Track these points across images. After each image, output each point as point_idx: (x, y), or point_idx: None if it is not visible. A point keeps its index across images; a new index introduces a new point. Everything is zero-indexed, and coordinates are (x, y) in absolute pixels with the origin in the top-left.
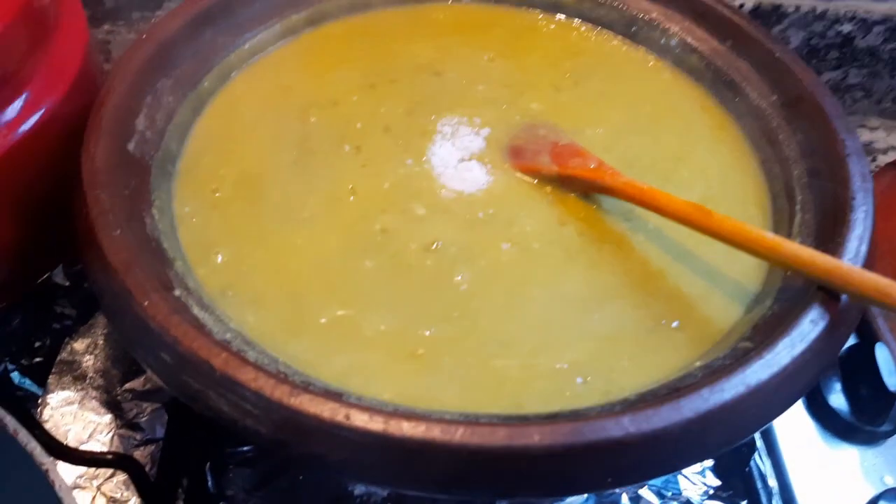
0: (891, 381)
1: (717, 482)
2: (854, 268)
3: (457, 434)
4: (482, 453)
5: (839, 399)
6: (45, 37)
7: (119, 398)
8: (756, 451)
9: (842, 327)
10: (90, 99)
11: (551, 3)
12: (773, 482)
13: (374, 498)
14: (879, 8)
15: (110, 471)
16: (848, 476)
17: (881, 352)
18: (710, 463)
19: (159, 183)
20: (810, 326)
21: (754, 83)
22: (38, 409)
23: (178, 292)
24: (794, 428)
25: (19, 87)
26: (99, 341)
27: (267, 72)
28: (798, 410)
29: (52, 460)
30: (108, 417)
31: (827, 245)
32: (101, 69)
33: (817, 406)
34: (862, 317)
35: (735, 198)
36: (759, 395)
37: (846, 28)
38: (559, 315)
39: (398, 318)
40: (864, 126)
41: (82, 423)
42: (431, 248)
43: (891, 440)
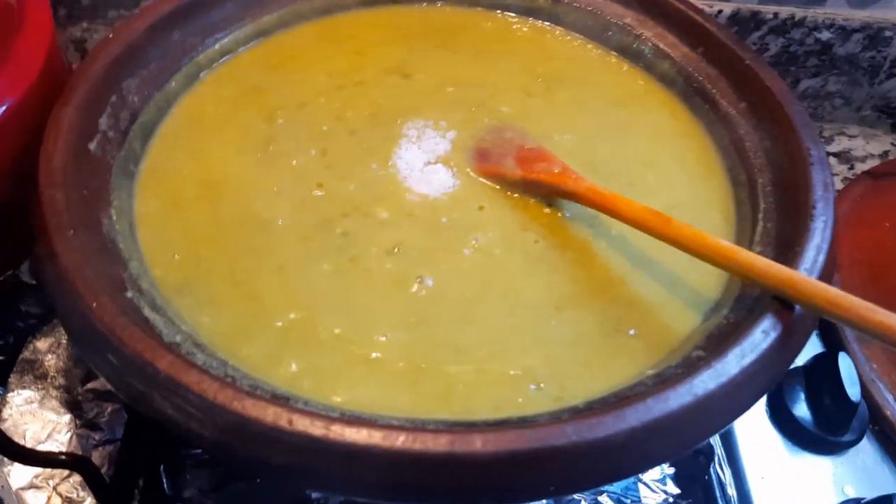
0: (853, 391)
1: (676, 490)
2: (807, 278)
3: (398, 440)
4: (424, 459)
5: (802, 408)
6: (7, 34)
7: (80, 398)
8: (716, 460)
9: (795, 338)
10: (55, 97)
11: (525, 6)
12: (732, 491)
13: (332, 502)
14: (858, 15)
15: (67, 471)
16: (809, 486)
17: (843, 361)
18: (670, 470)
19: (120, 183)
20: (762, 337)
21: (724, 90)
22: None
23: (130, 293)
24: (756, 437)
25: None
26: (62, 340)
27: (236, 72)
28: (760, 419)
29: (3, 460)
30: (67, 417)
31: (786, 254)
32: (68, 67)
33: (780, 415)
34: (831, 325)
35: (700, 205)
36: (706, 405)
37: (825, 35)
38: (516, 321)
39: (354, 322)
40: (843, 133)
41: (41, 422)
42: (392, 252)
43: (853, 450)
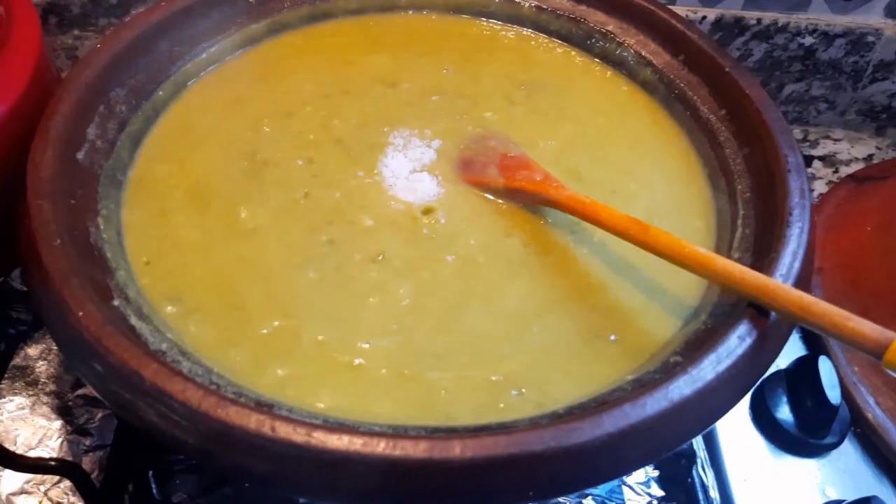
0: (832, 395)
1: (661, 493)
2: (781, 285)
3: (379, 446)
4: (403, 466)
5: (784, 411)
6: None
7: (70, 404)
8: (699, 462)
9: (770, 344)
10: (43, 107)
11: (509, 14)
12: (715, 493)
13: None
14: (841, 21)
15: (57, 477)
16: (791, 488)
17: (824, 365)
18: (655, 473)
19: (108, 192)
20: (737, 342)
21: (704, 97)
22: None
23: (116, 302)
24: (739, 439)
25: None
26: (53, 347)
27: (223, 81)
28: (743, 422)
29: None
30: (58, 423)
31: (762, 260)
32: (57, 76)
33: (762, 417)
34: None
35: (681, 211)
36: (683, 411)
37: (808, 41)
38: (498, 328)
39: (338, 329)
40: (827, 137)
41: (32, 428)
42: (376, 259)
43: (834, 452)
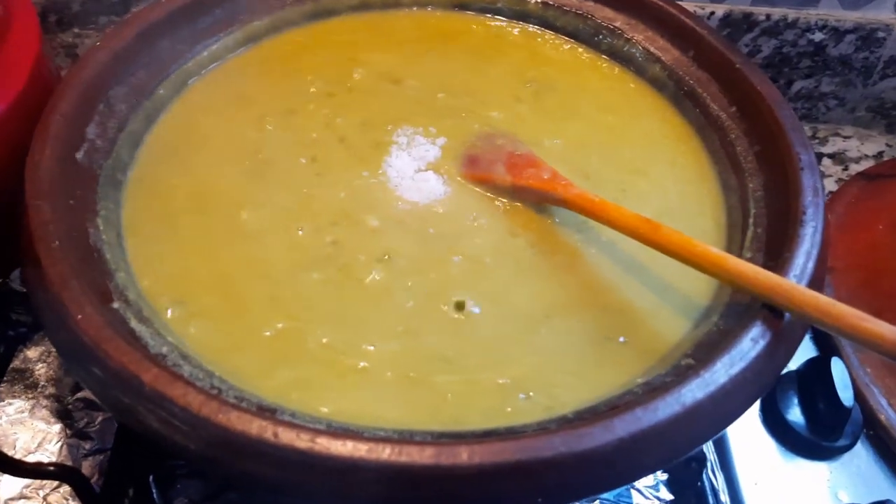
0: (845, 396)
1: (670, 496)
2: (796, 286)
3: (384, 452)
4: (410, 472)
5: (796, 413)
6: None
7: (70, 407)
8: (709, 466)
9: (784, 346)
10: (42, 106)
11: (516, 11)
12: (725, 497)
13: None
14: (851, 16)
15: (57, 482)
16: (803, 491)
17: (836, 366)
18: (664, 476)
19: (107, 192)
20: (750, 345)
21: (714, 94)
22: None
23: (116, 304)
24: (750, 442)
25: None
26: (52, 349)
27: (225, 79)
28: (754, 424)
29: None
30: (57, 427)
31: (775, 260)
32: (56, 75)
33: (773, 420)
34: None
35: (691, 210)
36: (695, 415)
37: (818, 36)
38: (505, 330)
39: (342, 331)
40: (837, 134)
41: (32, 432)
42: (382, 260)
43: (847, 455)
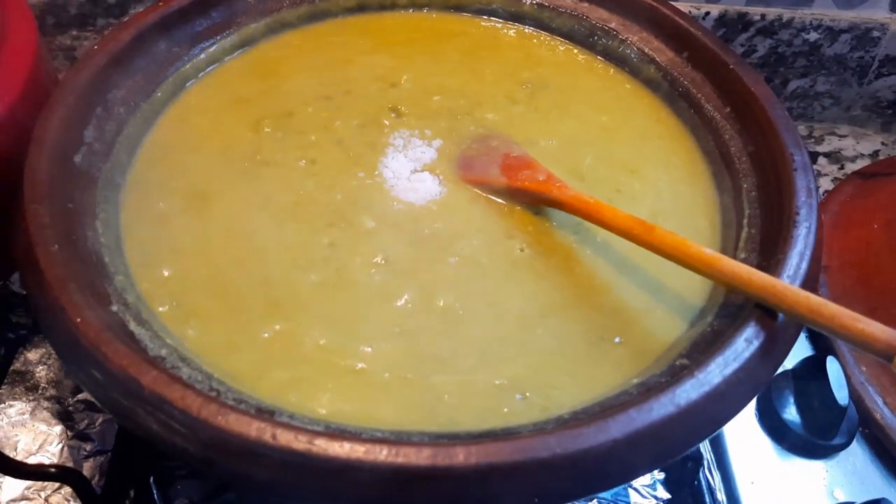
0: (840, 395)
1: (667, 495)
2: (789, 286)
3: (381, 454)
4: (406, 473)
5: (791, 412)
6: None
7: (71, 409)
8: (706, 465)
9: (778, 346)
10: (40, 109)
11: (511, 12)
12: (721, 496)
13: None
14: (846, 16)
15: (58, 483)
16: (799, 489)
17: (832, 365)
18: (661, 476)
19: (106, 195)
20: (745, 345)
21: (708, 95)
22: None
23: (115, 307)
24: (746, 441)
25: None
26: (53, 351)
27: (222, 82)
28: (750, 423)
29: None
30: (58, 428)
31: (769, 261)
32: (54, 79)
33: (769, 419)
34: None
35: (686, 211)
36: (689, 415)
37: (813, 36)
38: (501, 330)
39: (339, 332)
40: (833, 133)
41: (32, 433)
42: (378, 262)
43: (843, 453)
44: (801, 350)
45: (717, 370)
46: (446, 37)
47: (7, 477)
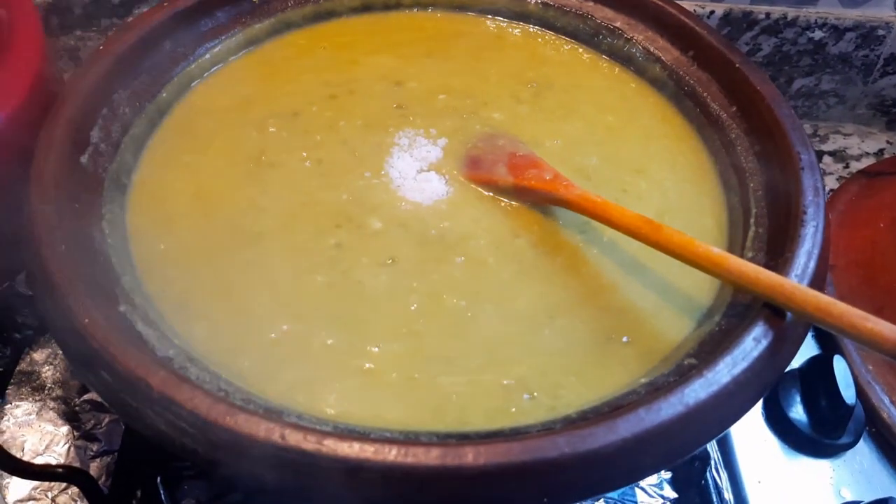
0: (847, 394)
1: (674, 494)
2: (797, 285)
3: (390, 454)
4: (416, 473)
5: (798, 411)
6: None
7: (77, 409)
8: (713, 464)
9: (786, 345)
10: (46, 110)
11: (516, 11)
12: (728, 495)
13: None
14: (850, 14)
15: (65, 483)
16: (806, 489)
17: (839, 364)
18: (667, 475)
19: (112, 196)
20: (753, 344)
21: (714, 94)
22: None
23: (122, 308)
24: (753, 440)
25: None
26: (59, 351)
27: (227, 82)
28: (756, 422)
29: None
30: (65, 429)
31: (777, 260)
32: (59, 80)
33: (776, 418)
34: None
35: (692, 210)
36: (698, 415)
37: (817, 35)
38: (509, 330)
39: (347, 333)
40: (838, 132)
41: (39, 434)
42: (385, 263)
43: (850, 452)
44: (807, 349)
45: (726, 369)
46: (451, 36)
47: (14, 477)
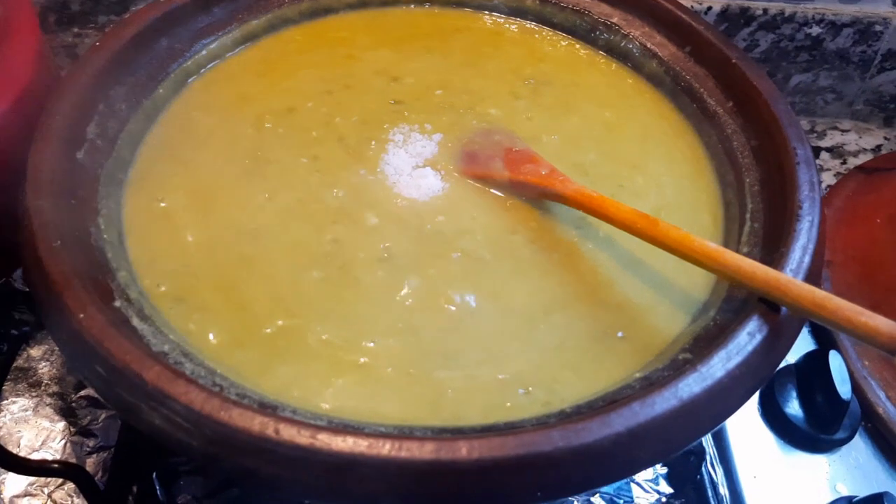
0: (843, 389)
1: (669, 490)
2: (792, 280)
3: (384, 448)
4: (410, 468)
5: (794, 406)
6: None
7: (73, 405)
8: (708, 459)
9: (781, 340)
10: (43, 106)
11: (513, 7)
12: (724, 490)
13: None
14: (848, 10)
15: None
16: (801, 484)
17: (834, 359)
18: (663, 470)
19: (108, 191)
20: (747, 339)
21: (711, 89)
22: None
23: (118, 303)
24: (748, 435)
25: None
26: (55, 348)
27: (224, 78)
28: (752, 418)
29: None
30: (61, 424)
31: (772, 255)
32: (56, 76)
33: (771, 413)
34: None
35: (688, 205)
36: (692, 409)
37: (815, 30)
38: (505, 326)
39: (343, 328)
40: (835, 128)
41: (35, 430)
42: (381, 258)
43: (845, 448)
44: (803, 344)
45: (720, 364)
46: (448, 32)
47: (10, 473)
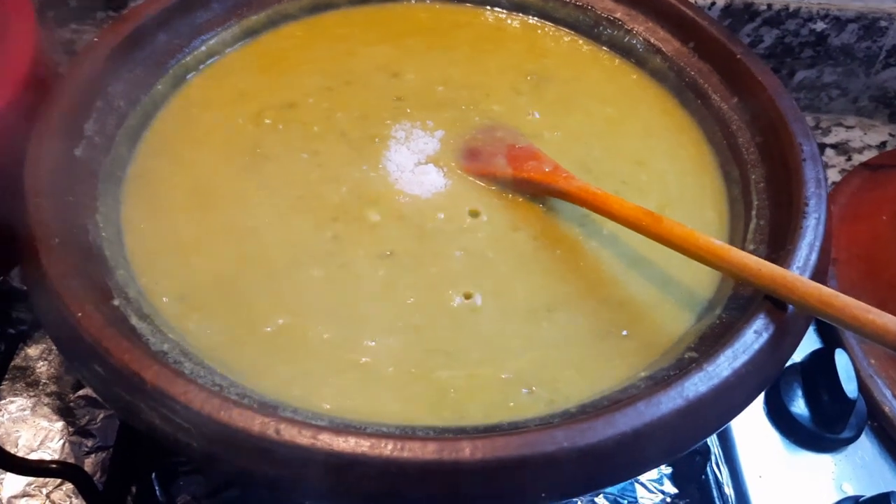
0: (849, 388)
1: (674, 490)
2: (798, 277)
3: (386, 448)
4: (412, 468)
5: (800, 405)
6: None
7: (72, 405)
8: (713, 459)
9: (787, 338)
10: (40, 103)
11: (516, 3)
12: (729, 490)
13: None
14: (853, 5)
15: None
16: (807, 484)
17: (840, 358)
18: (668, 470)
19: (107, 189)
20: (754, 337)
21: (715, 85)
22: None
23: (116, 302)
24: (754, 435)
25: None
26: (53, 347)
27: (223, 74)
28: (758, 417)
29: None
30: (59, 424)
31: (778, 252)
32: (54, 72)
33: (777, 412)
34: None
35: (693, 202)
36: (698, 409)
37: (819, 26)
38: (508, 324)
39: (344, 327)
40: (840, 124)
41: (34, 429)
42: (383, 256)
43: (851, 447)
44: (809, 343)
45: (726, 363)
46: (450, 28)
47: (8, 473)
